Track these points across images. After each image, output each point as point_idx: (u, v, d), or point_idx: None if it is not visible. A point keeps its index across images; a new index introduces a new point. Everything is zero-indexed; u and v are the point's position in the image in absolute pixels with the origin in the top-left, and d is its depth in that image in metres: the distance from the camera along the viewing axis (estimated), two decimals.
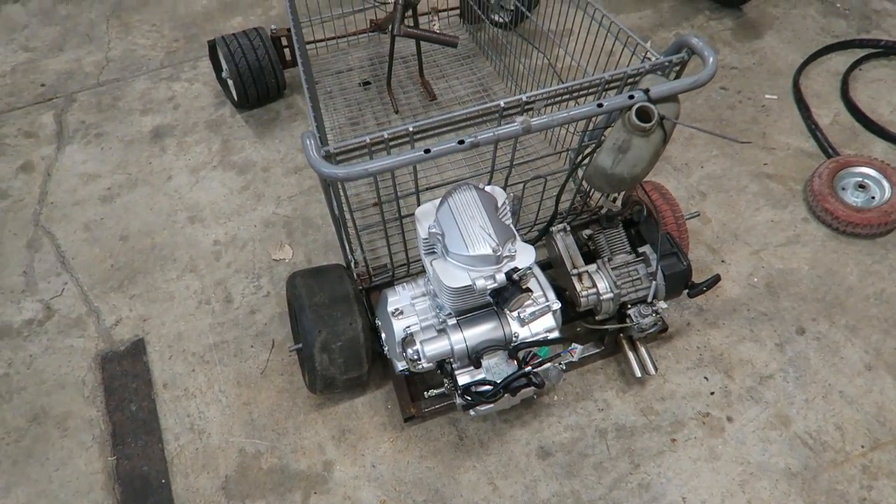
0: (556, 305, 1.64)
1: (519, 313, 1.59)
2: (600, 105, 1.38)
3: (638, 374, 1.89)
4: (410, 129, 1.40)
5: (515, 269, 1.46)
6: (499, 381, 1.58)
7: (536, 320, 1.63)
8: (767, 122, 2.60)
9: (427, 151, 1.33)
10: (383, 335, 1.78)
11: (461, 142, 1.34)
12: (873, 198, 2.25)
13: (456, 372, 1.62)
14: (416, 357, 1.58)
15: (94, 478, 1.85)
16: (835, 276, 2.16)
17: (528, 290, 1.49)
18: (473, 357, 1.58)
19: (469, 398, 1.59)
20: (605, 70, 1.97)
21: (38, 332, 2.17)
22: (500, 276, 1.44)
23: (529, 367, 1.57)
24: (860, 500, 1.74)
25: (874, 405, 1.89)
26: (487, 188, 1.58)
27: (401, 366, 1.77)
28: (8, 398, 2.01)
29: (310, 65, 1.82)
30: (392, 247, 1.89)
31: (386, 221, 1.74)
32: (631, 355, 1.91)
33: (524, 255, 1.49)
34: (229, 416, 1.96)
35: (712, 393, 1.94)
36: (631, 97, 1.39)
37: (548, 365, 1.60)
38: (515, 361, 1.61)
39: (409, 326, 1.67)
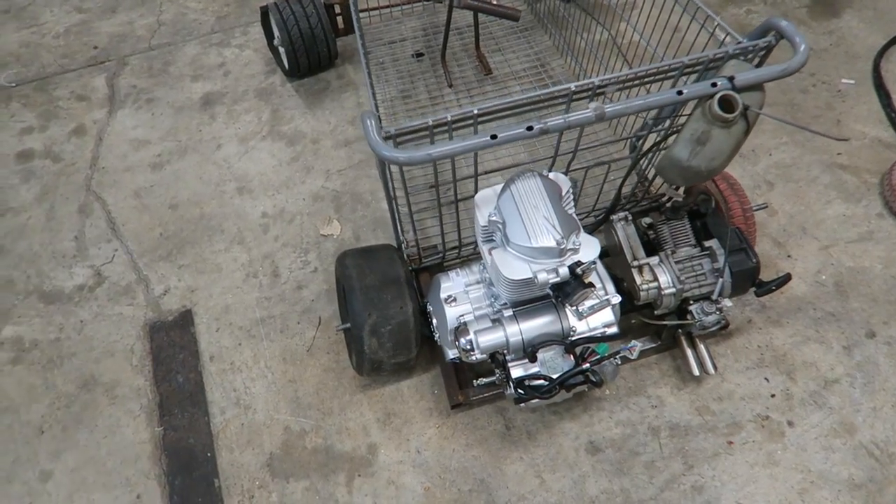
0: (616, 300, 1.56)
1: (577, 307, 1.53)
2: (680, 93, 1.29)
3: (696, 372, 1.81)
4: (475, 111, 1.32)
5: (579, 263, 1.39)
6: (554, 377, 1.52)
7: (595, 314, 1.57)
8: (843, 109, 2.45)
9: (494, 137, 1.25)
10: (435, 321, 1.74)
11: (530, 128, 1.26)
12: None
13: (509, 364, 1.57)
14: (469, 347, 1.54)
15: (142, 447, 1.87)
16: None
17: (592, 284, 1.42)
18: (529, 351, 1.52)
19: (522, 392, 1.54)
20: (671, 48, 1.88)
21: (88, 298, 2.18)
22: (564, 270, 1.37)
23: (587, 364, 1.51)
24: None
25: None
26: (551, 175, 1.51)
27: (452, 354, 1.72)
28: (59, 363, 2.04)
29: (364, 41, 1.75)
30: (444, 228, 1.84)
31: (441, 204, 1.68)
32: (689, 352, 1.84)
33: (589, 248, 1.42)
34: (275, 392, 1.95)
35: (773, 395, 1.85)
36: (714, 85, 1.29)
37: (605, 362, 1.54)
38: (572, 356, 1.55)
39: (462, 315, 1.62)
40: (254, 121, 2.61)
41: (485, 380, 1.75)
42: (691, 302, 1.74)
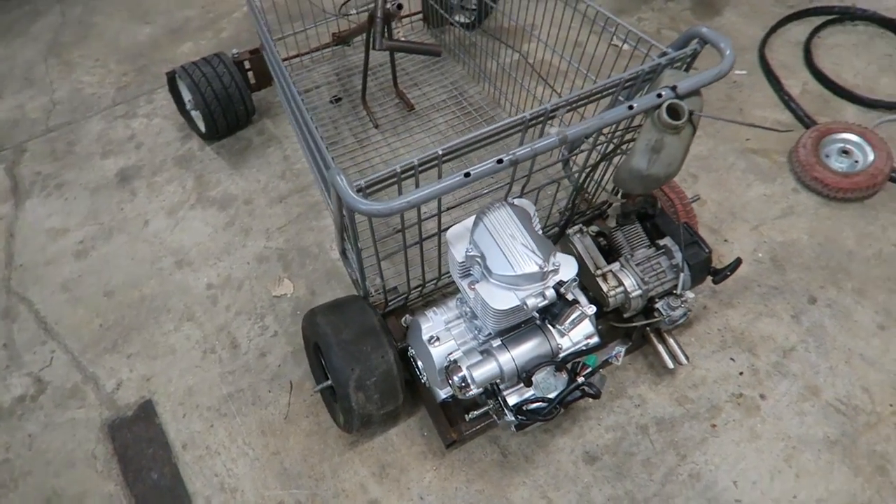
0: (592, 310, 1.60)
1: (559, 324, 1.56)
2: (631, 107, 1.36)
3: (670, 365, 1.89)
4: (440, 152, 1.34)
5: (562, 283, 1.42)
6: (551, 397, 1.55)
7: (575, 328, 1.60)
8: (742, 98, 2.65)
9: (467, 175, 1.27)
10: (420, 363, 1.73)
11: (500, 161, 1.29)
12: (857, 162, 2.32)
13: (504, 392, 1.58)
14: (464, 384, 1.53)
15: None
16: (833, 242, 2.22)
17: (576, 301, 1.46)
18: (524, 376, 1.54)
19: (524, 417, 1.55)
20: (583, 63, 1.99)
21: (32, 408, 2.01)
22: (550, 293, 1.40)
23: (581, 378, 1.54)
24: None
25: (894, 363, 1.95)
26: (516, 202, 1.54)
27: (444, 393, 1.72)
28: (14, 486, 1.86)
29: (292, 88, 1.72)
30: (408, 269, 1.83)
31: (406, 246, 1.67)
32: (660, 347, 1.91)
33: (567, 267, 1.46)
34: (260, 468, 1.86)
35: (741, 373, 1.96)
36: (659, 95, 1.37)
37: (598, 375, 1.58)
38: (564, 373, 1.58)
39: (450, 353, 1.61)
40: (178, 190, 2.51)
41: (476, 412, 1.75)
42: (656, 300, 1.82)
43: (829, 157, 2.34)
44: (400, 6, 2.09)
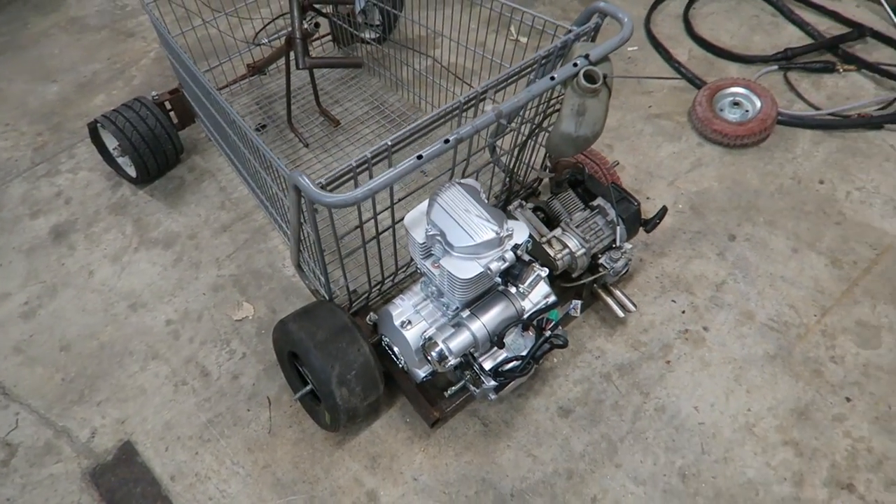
0: (545, 272, 1.74)
1: (517, 287, 1.69)
2: (552, 78, 1.51)
3: (621, 314, 2.05)
4: (389, 143, 1.45)
5: (518, 245, 1.55)
6: (524, 354, 1.67)
7: (533, 290, 1.74)
8: (637, 70, 2.89)
9: (420, 157, 1.39)
10: (396, 349, 1.82)
11: (447, 141, 1.41)
12: (747, 111, 2.58)
13: (480, 360, 1.69)
14: (443, 356, 1.63)
15: None
16: (740, 184, 2.46)
17: (533, 260, 1.59)
18: (496, 339, 1.65)
19: (502, 378, 1.66)
20: (494, 54, 2.16)
21: (5, 473, 1.96)
22: (509, 255, 1.53)
23: (548, 332, 1.67)
24: (830, 359, 2.01)
25: (810, 279, 2.19)
26: (464, 181, 1.66)
27: (423, 373, 1.81)
28: None
29: (232, 110, 1.80)
30: (361, 268, 1.91)
31: (365, 242, 1.77)
32: (609, 300, 2.07)
33: (520, 231, 1.59)
34: (253, 483, 1.89)
35: (683, 312, 2.15)
36: (575, 65, 1.53)
37: (559, 328, 1.72)
38: (531, 332, 1.70)
39: (423, 332, 1.71)
40: (118, 237, 2.50)
41: (454, 388, 1.85)
42: (599, 256, 1.98)
43: (724, 111, 2.60)
44: (317, 24, 2.19)
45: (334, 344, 1.75)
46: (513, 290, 1.69)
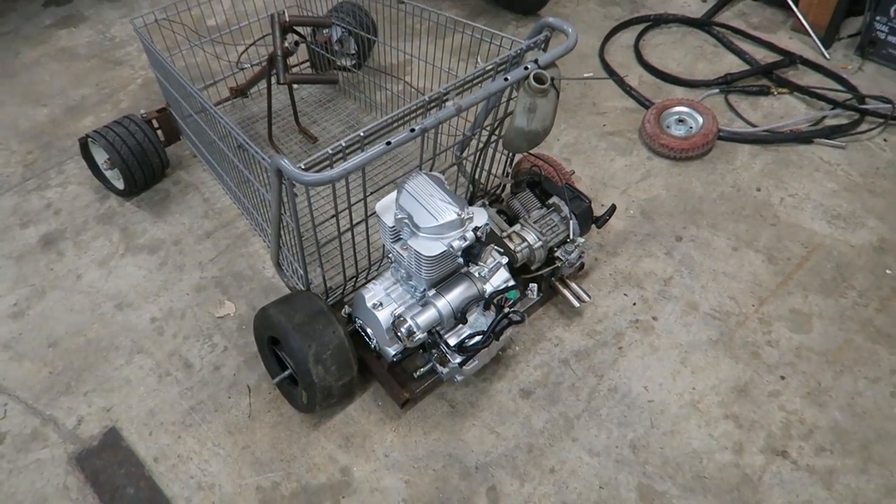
0: (505, 259, 1.93)
1: (479, 271, 1.87)
2: (506, 79, 1.73)
3: (576, 304, 2.23)
4: (362, 134, 1.63)
5: (478, 228, 1.74)
6: (485, 330, 1.84)
7: (494, 275, 1.92)
8: (593, 94, 3.15)
9: (388, 143, 1.58)
10: (369, 330, 1.97)
11: (412, 129, 1.61)
12: (691, 128, 2.83)
13: (445, 336, 1.85)
14: (411, 332, 1.79)
15: None
16: (686, 192, 2.68)
17: (490, 242, 1.77)
18: (460, 315, 1.82)
19: (466, 352, 1.82)
20: (456, 73, 2.38)
21: None
22: (470, 234, 1.71)
23: (507, 309, 1.84)
24: (766, 343, 2.20)
25: (749, 274, 2.40)
26: (429, 174, 1.85)
27: (394, 350, 1.96)
28: None
29: (222, 117, 2.00)
30: (335, 257, 2.07)
31: (341, 233, 1.94)
32: (566, 292, 2.26)
33: (480, 215, 1.77)
34: (233, 462, 2.01)
35: (634, 304, 2.33)
36: (526, 68, 1.75)
37: (518, 306, 1.89)
38: (492, 309, 1.87)
39: (394, 311, 1.87)
40: (106, 244, 2.63)
41: (423, 369, 2.01)
42: (555, 249, 2.17)
43: (670, 127, 2.85)
44: (297, 43, 2.40)
45: (311, 325, 1.90)
46: (475, 271, 1.87)
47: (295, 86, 3.04)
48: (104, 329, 2.36)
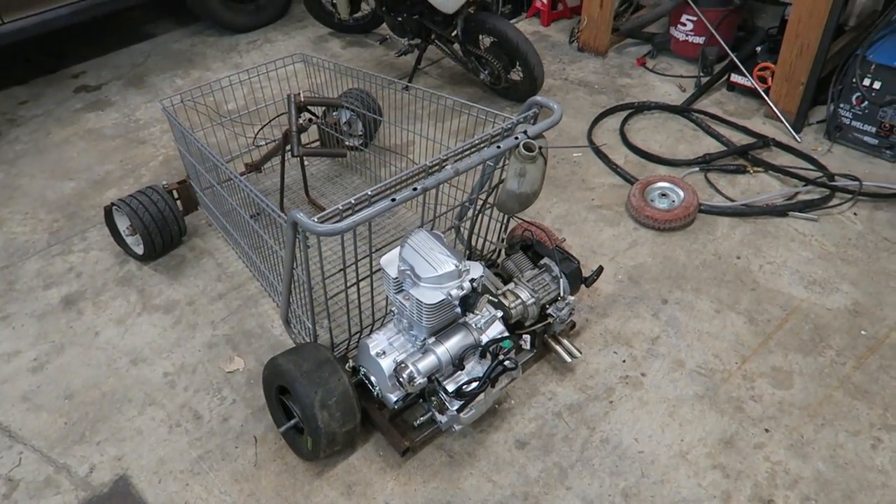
0: (499, 313, 2.09)
1: (476, 323, 2.02)
2: (499, 147, 1.94)
3: (568, 360, 2.36)
4: (370, 193, 1.83)
5: (474, 279, 1.90)
6: (481, 376, 1.96)
7: (489, 327, 2.06)
8: (582, 171, 3.39)
9: (393, 200, 1.77)
10: (373, 378, 2.09)
11: (415, 188, 1.80)
12: (674, 201, 3.05)
13: (444, 382, 1.98)
14: (412, 376, 1.92)
15: None
16: (670, 259, 2.86)
17: (486, 292, 1.93)
18: (458, 362, 1.95)
19: (464, 397, 1.94)
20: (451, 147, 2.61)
21: None
22: (466, 284, 1.87)
23: (502, 356, 1.97)
24: (750, 398, 2.32)
25: (731, 334, 2.54)
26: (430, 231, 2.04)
27: (395, 397, 2.07)
28: None
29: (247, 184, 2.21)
30: (341, 316, 2.22)
31: (347, 286, 2.10)
32: (558, 348, 2.39)
33: (475, 268, 1.94)
34: None
35: (624, 361, 2.46)
36: (517, 138, 1.97)
37: (512, 354, 2.02)
38: (488, 357, 2.00)
39: (395, 359, 2.00)
40: (123, 304, 2.79)
41: (422, 418, 2.11)
42: (547, 306, 2.32)
43: (654, 201, 3.06)
44: (310, 121, 2.65)
45: (318, 373, 2.03)
46: (472, 321, 2.02)
47: (306, 161, 3.28)
48: (119, 382, 2.48)
